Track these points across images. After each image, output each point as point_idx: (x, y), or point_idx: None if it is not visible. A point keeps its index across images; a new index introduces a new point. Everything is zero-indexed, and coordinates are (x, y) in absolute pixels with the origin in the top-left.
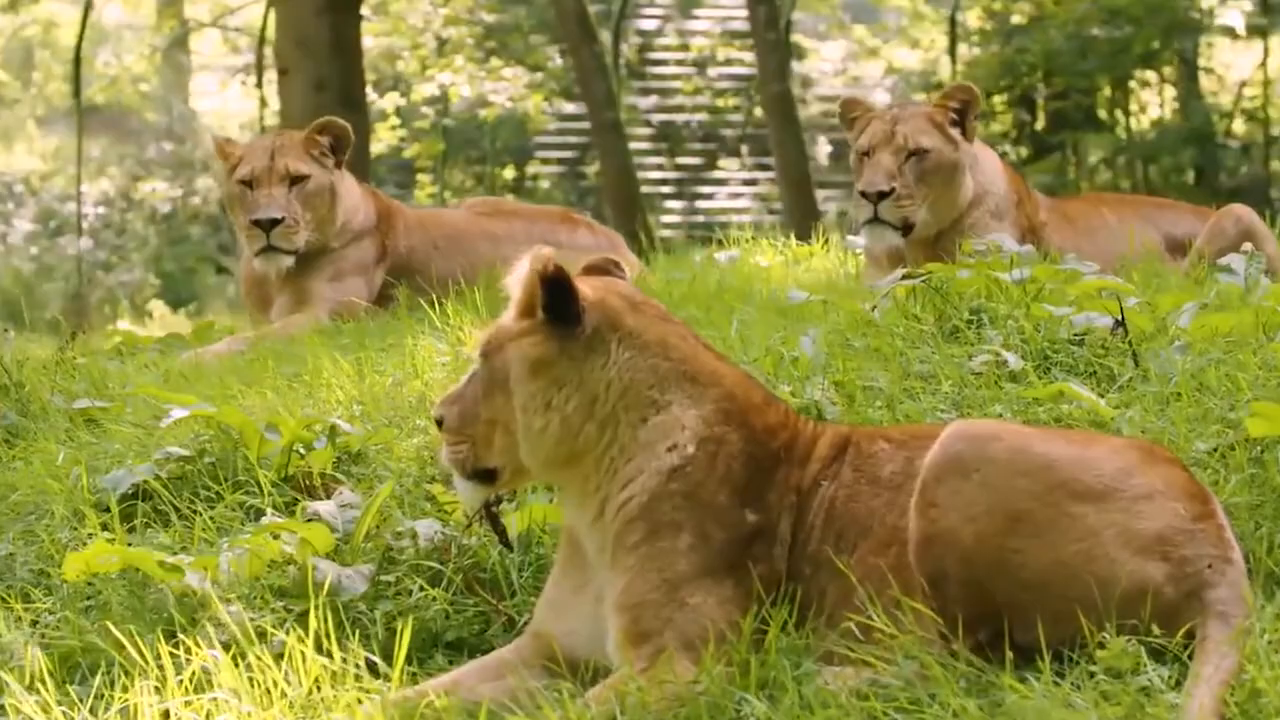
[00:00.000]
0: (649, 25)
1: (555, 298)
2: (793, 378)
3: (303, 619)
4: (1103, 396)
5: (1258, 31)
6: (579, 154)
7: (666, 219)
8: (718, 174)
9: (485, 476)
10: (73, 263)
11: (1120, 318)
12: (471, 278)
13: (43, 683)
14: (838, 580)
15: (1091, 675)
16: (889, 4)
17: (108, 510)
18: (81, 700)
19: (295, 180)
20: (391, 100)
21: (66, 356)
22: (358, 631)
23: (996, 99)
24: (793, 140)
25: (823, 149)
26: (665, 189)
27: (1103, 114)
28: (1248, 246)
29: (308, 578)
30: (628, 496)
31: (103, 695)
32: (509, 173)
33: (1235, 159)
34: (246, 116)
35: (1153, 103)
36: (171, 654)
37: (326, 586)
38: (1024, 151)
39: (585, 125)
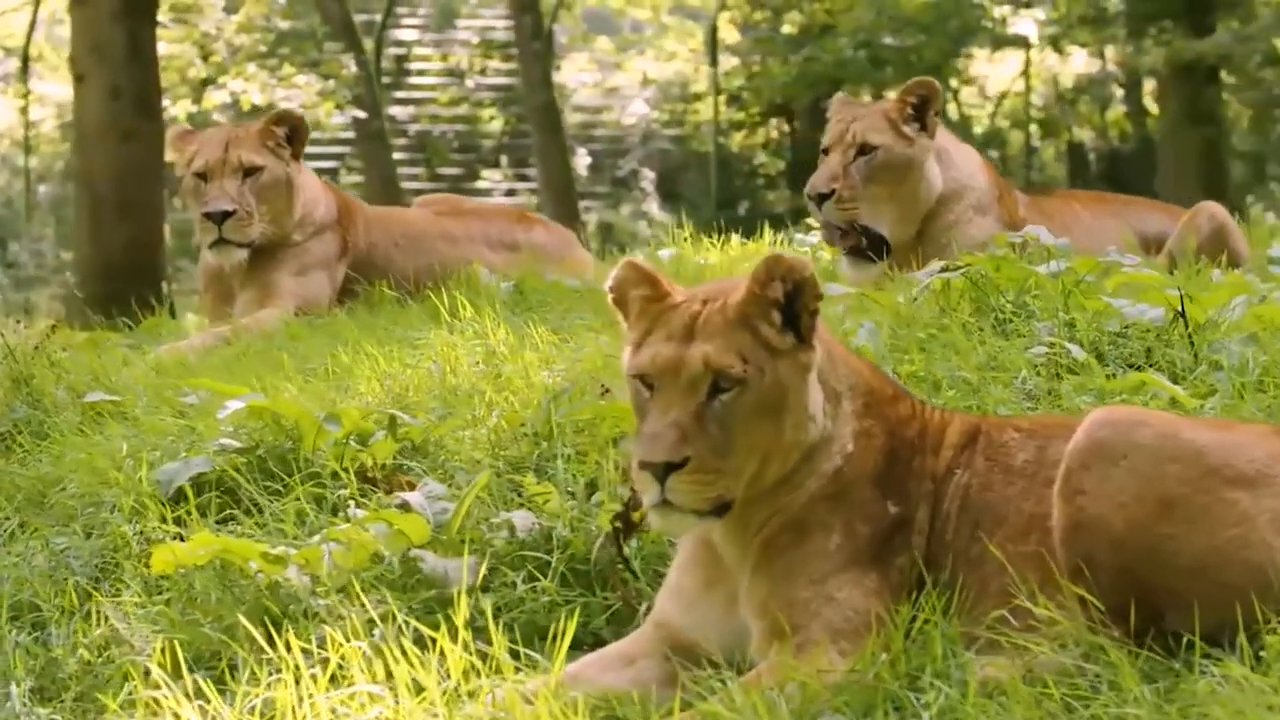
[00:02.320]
0: (408, 35)
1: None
2: None
3: (413, 612)
4: None
5: (1050, 40)
6: (338, 163)
7: None
8: (478, 184)
9: (722, 509)
10: None
11: (1181, 309)
12: (431, 277)
13: (175, 677)
14: (976, 569)
15: (1259, 660)
16: (629, 16)
17: (165, 503)
18: (218, 695)
19: (249, 172)
20: (184, 108)
21: (50, 350)
22: (503, 624)
23: (754, 109)
24: (557, 150)
25: (581, 160)
26: None
27: None
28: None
29: (412, 569)
30: (789, 502)
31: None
32: None
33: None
34: (4, 124)
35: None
36: (304, 648)
37: (473, 581)
38: (781, 163)
39: (342, 136)
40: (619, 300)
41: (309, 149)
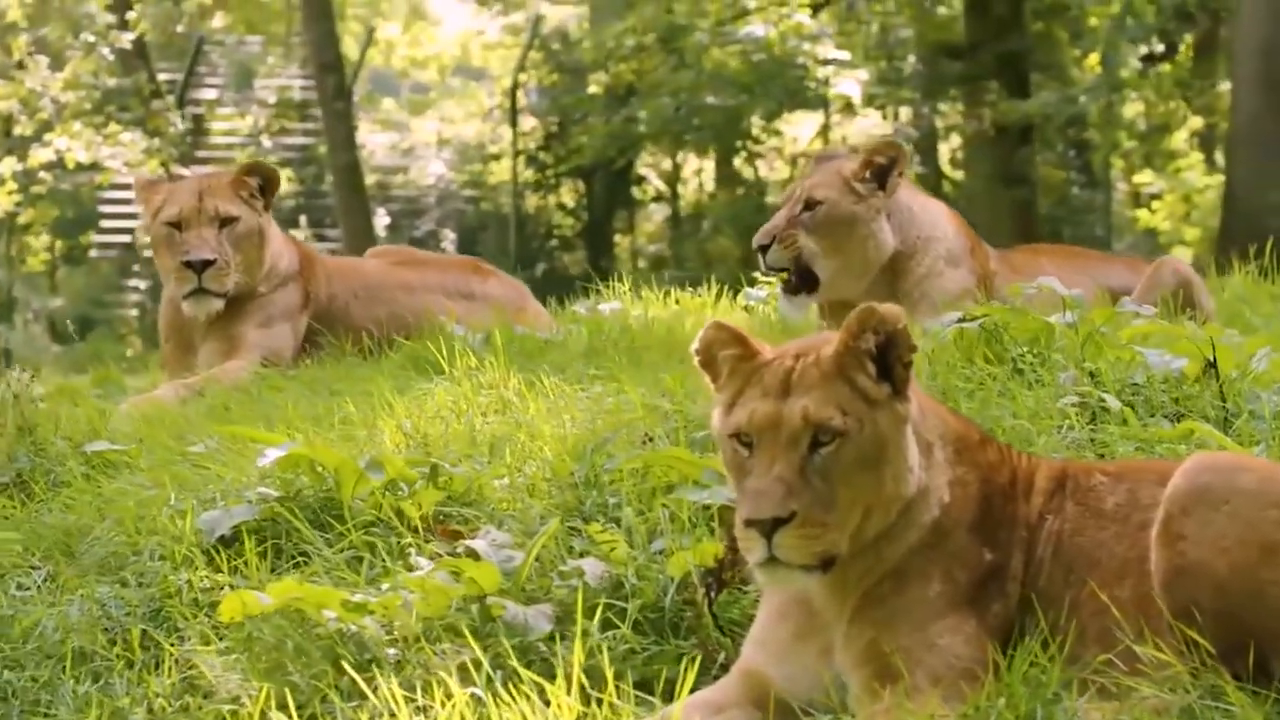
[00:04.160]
0: (209, 94)
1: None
2: None
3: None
4: None
5: (874, 100)
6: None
7: None
8: None
9: (828, 564)
10: None
11: (1212, 359)
12: (390, 327)
13: None
14: (1071, 614)
15: None
16: (411, 78)
17: (217, 550)
18: None
19: (225, 222)
20: (9, 165)
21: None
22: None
23: (557, 170)
24: (359, 209)
25: (380, 219)
26: None
27: (655, 187)
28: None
29: (488, 617)
30: (889, 554)
31: None
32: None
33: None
34: None
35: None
36: (407, 696)
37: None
38: (578, 225)
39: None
40: (706, 362)
41: (113, 206)
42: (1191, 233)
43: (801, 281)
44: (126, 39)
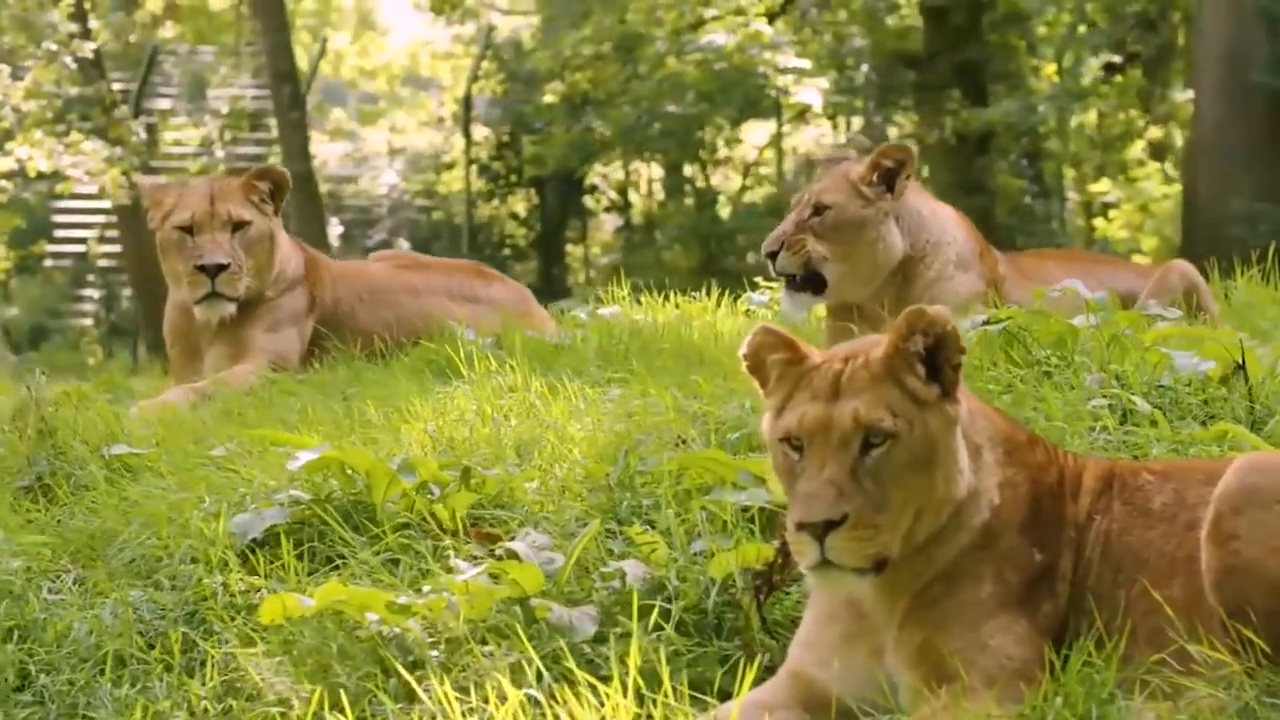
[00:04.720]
0: (163, 104)
1: None
2: None
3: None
4: None
5: (834, 109)
6: (101, 233)
7: None
8: None
9: (881, 566)
10: None
11: (1241, 362)
12: (396, 330)
13: None
14: (1121, 614)
15: None
16: (359, 88)
17: (253, 552)
18: None
19: (237, 226)
20: None
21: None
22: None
23: (510, 179)
24: (315, 219)
25: (334, 229)
26: None
27: (607, 196)
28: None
29: (532, 619)
30: (940, 556)
31: None
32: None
33: (742, 243)
34: None
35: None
36: (459, 698)
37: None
38: (531, 234)
39: (96, 206)
40: (754, 367)
41: (66, 216)
42: (1149, 241)
43: (809, 284)
44: (89, 48)
